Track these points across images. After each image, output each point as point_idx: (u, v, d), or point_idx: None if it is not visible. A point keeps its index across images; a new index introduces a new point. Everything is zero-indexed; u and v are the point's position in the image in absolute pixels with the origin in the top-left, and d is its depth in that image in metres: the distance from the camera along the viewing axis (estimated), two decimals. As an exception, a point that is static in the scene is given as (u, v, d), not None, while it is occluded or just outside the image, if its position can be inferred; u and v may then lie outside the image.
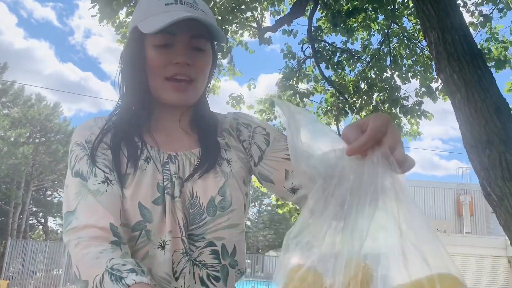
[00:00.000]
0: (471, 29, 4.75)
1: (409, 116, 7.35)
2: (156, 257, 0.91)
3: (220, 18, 5.79)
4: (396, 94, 6.88)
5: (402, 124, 7.64)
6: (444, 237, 16.66)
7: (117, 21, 5.74)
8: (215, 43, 1.04)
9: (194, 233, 0.94)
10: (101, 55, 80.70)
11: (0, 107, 27.21)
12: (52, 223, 32.71)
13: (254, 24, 7.00)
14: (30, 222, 30.82)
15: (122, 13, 5.60)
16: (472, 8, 6.77)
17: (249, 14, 6.49)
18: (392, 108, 7.10)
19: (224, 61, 7.65)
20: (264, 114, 8.35)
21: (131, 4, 5.24)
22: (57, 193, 30.71)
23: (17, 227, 26.27)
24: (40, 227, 33.54)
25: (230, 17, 5.95)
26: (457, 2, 6.59)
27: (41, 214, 31.83)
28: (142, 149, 0.97)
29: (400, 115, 7.18)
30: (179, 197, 0.94)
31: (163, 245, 0.91)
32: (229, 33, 6.08)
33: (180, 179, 0.96)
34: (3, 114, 25.97)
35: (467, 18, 6.50)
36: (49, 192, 31.57)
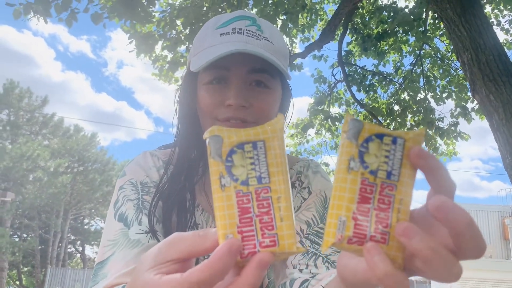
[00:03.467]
0: (505, 48, 4.66)
1: (445, 138, 7.22)
2: None
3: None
4: (431, 116, 6.77)
5: (437, 145, 7.50)
6: (490, 263, 15.90)
7: (154, 55, 5.96)
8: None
9: None
10: (133, 85, 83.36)
11: (41, 138, 28.34)
12: (89, 251, 33.31)
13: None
14: (69, 250, 31.50)
15: (158, 47, 5.83)
16: (506, 25, 6.68)
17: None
18: (428, 130, 6.98)
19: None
20: (296, 138, 8.36)
21: (167, 38, 5.45)
22: (94, 221, 31.38)
23: (56, 255, 26.90)
24: (78, 255, 34.20)
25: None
26: (491, 20, 6.52)
27: (79, 242, 32.51)
28: (191, 216, 0.86)
29: (435, 137, 7.06)
30: None
31: None
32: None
33: None
34: (43, 145, 27.00)
35: (502, 35, 6.40)
36: (86, 221, 32.31)
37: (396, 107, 7.32)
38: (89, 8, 4.58)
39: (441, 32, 6.98)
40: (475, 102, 6.87)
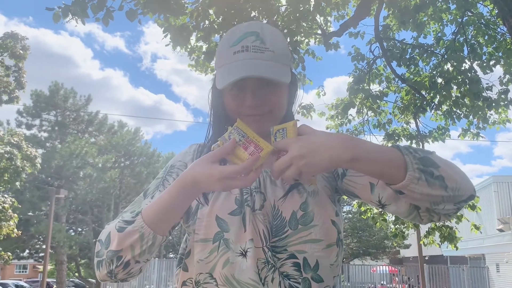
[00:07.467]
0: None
1: (494, 108, 6.87)
2: (238, 264, 0.97)
3: (286, 31, 5.84)
4: (480, 86, 6.44)
5: (488, 116, 7.16)
6: (548, 234, 15.20)
7: (189, 46, 5.99)
8: (291, 69, 1.12)
9: (276, 245, 1.00)
10: (169, 78, 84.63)
11: (88, 136, 29.43)
12: (141, 241, 34.43)
13: (319, 31, 6.96)
14: (122, 241, 32.73)
15: (193, 38, 5.85)
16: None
17: (315, 19, 6.46)
18: (475, 101, 6.67)
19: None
20: (337, 119, 8.22)
21: (200, 29, 5.46)
22: (144, 212, 32.40)
23: (110, 247, 28.03)
24: (131, 245, 35.52)
25: (295, 27, 5.98)
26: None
27: (131, 233, 33.74)
28: None
29: (485, 109, 6.74)
30: (260, 210, 1.02)
31: (244, 252, 0.97)
32: (296, 42, 6.08)
33: (261, 193, 1.04)
34: (91, 142, 28.02)
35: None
36: (136, 212, 33.41)
37: (439, 80, 7.02)
38: (123, 6, 4.65)
39: (484, -4, 6.60)
40: (526, 67, 6.50)
